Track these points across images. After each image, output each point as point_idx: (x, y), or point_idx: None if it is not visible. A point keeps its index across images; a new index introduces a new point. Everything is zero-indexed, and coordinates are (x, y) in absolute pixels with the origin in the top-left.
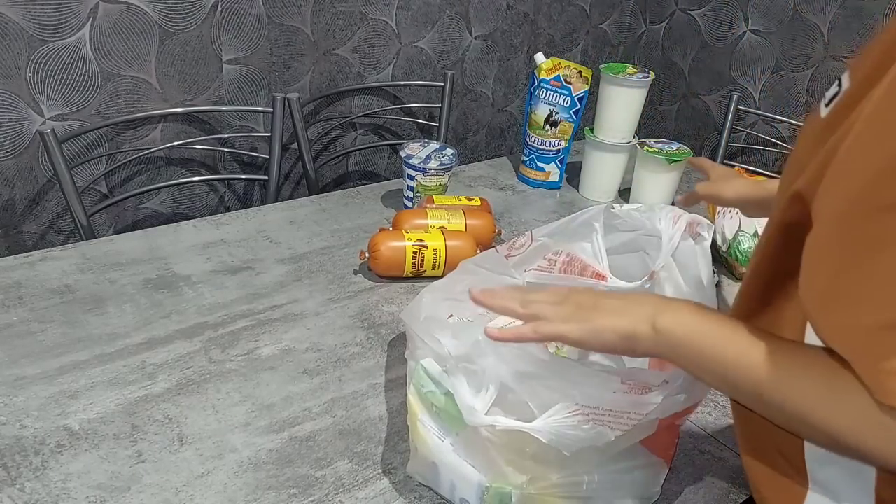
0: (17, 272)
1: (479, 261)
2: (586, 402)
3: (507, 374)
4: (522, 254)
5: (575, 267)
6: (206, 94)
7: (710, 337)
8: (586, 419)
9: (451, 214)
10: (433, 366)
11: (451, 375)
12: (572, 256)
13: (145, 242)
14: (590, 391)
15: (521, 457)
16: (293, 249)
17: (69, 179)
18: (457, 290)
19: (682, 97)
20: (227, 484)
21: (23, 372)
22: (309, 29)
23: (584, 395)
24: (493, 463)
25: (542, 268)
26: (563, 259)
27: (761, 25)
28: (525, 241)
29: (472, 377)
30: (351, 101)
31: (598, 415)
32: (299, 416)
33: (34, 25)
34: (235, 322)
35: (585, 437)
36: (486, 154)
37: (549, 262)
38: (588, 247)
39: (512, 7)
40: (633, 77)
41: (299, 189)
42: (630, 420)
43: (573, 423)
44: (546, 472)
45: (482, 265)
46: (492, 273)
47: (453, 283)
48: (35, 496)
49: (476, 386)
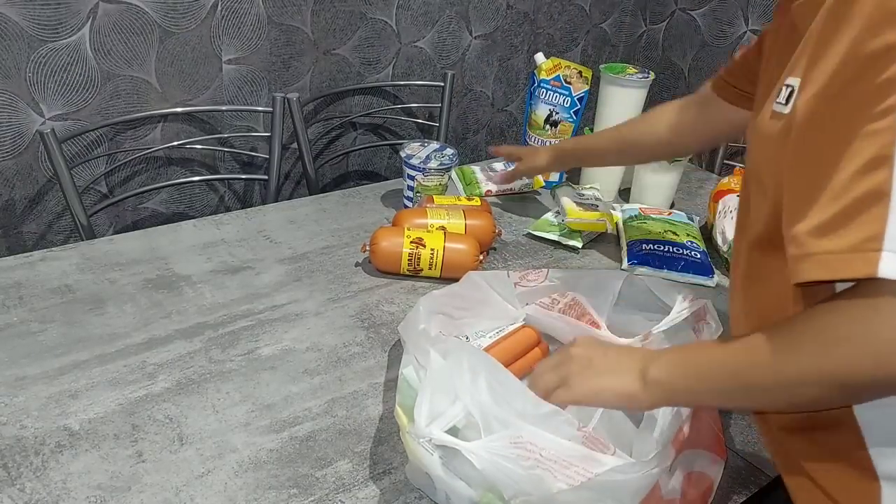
0: (17, 272)
1: (488, 278)
2: (532, 438)
3: (474, 394)
4: (531, 288)
5: (574, 311)
6: (206, 93)
7: (703, 362)
8: (527, 456)
9: (450, 214)
10: (414, 377)
11: (420, 389)
12: (576, 301)
13: (145, 242)
14: (540, 429)
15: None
16: (293, 249)
17: (69, 179)
18: (451, 306)
19: (681, 97)
20: (227, 484)
21: (23, 372)
22: (309, 29)
23: (531, 431)
24: (483, 479)
25: (544, 304)
26: (567, 301)
27: (761, 25)
28: (539, 277)
29: (442, 396)
30: (351, 100)
31: (541, 457)
32: (299, 416)
33: (34, 25)
34: (235, 322)
35: (522, 478)
36: (486, 154)
37: (552, 300)
38: (595, 302)
39: (512, 7)
40: (633, 77)
41: (299, 189)
42: (578, 475)
43: (511, 455)
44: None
45: (489, 284)
46: (494, 294)
47: (453, 295)
48: (35, 496)
49: (447, 402)
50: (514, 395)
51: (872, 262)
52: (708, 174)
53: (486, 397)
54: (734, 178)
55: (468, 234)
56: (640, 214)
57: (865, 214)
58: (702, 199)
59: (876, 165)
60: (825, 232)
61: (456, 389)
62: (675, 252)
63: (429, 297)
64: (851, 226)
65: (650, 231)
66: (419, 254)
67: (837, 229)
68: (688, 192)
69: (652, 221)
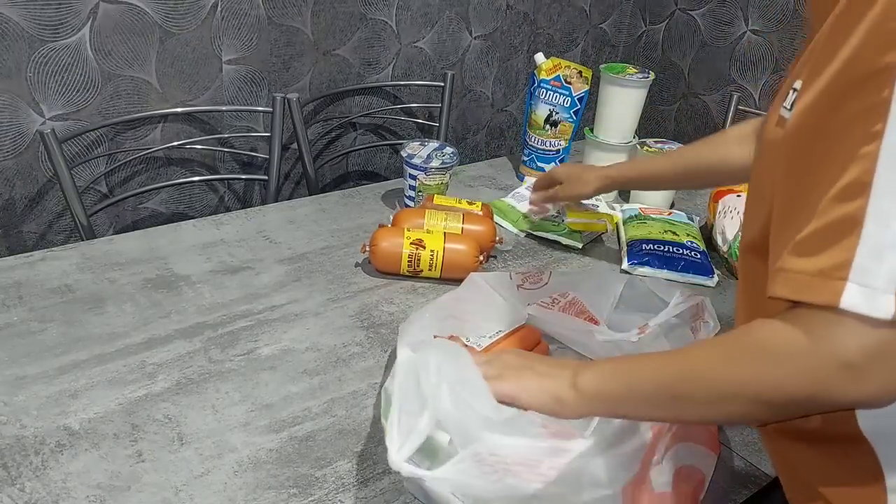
0: (17, 272)
1: (490, 280)
2: (494, 448)
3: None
4: (533, 290)
5: (573, 309)
6: (206, 94)
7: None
8: (493, 468)
9: (449, 217)
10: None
11: (392, 403)
12: (576, 300)
13: (145, 242)
14: (502, 435)
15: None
16: (293, 249)
17: (69, 179)
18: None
19: (681, 97)
20: (226, 483)
21: (23, 371)
22: (309, 29)
23: (493, 441)
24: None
25: (545, 304)
26: (567, 300)
27: (761, 25)
28: (543, 278)
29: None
30: (351, 101)
31: (507, 464)
32: (299, 416)
33: (34, 25)
34: (235, 322)
35: (496, 491)
36: (486, 154)
37: (553, 300)
38: (596, 303)
39: (512, 7)
40: (633, 77)
41: (299, 189)
42: (549, 471)
43: (477, 473)
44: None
45: (491, 285)
46: (497, 295)
47: (456, 300)
48: (35, 496)
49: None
50: (477, 399)
51: (836, 291)
52: None
53: (447, 404)
54: None
55: (470, 238)
56: (640, 214)
57: (839, 240)
58: (702, 199)
59: (855, 192)
60: (801, 250)
61: (423, 395)
62: (675, 252)
63: (433, 305)
64: (825, 249)
65: (650, 231)
66: (419, 255)
67: (812, 250)
68: (688, 192)
69: (652, 221)
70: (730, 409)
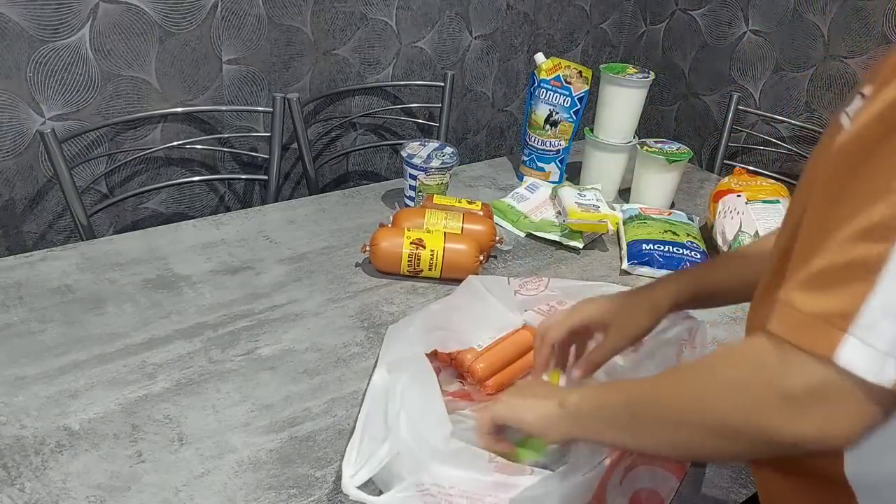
0: (17, 272)
1: (488, 284)
2: (438, 479)
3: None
4: (531, 297)
5: None
6: (206, 94)
7: (612, 390)
8: (434, 499)
9: (449, 217)
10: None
11: (352, 436)
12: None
13: (145, 242)
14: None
15: None
16: (293, 249)
17: (69, 179)
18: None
19: (682, 97)
20: (226, 484)
21: (23, 372)
22: (309, 29)
23: (438, 472)
24: None
25: (541, 311)
26: (564, 309)
27: (761, 25)
28: (540, 286)
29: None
30: (351, 101)
31: (448, 495)
32: (299, 416)
33: (34, 25)
34: (235, 322)
35: None
36: (486, 154)
37: (550, 308)
38: None
39: (512, 7)
40: (633, 77)
41: (299, 189)
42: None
43: (418, 502)
44: None
45: (488, 289)
46: (493, 299)
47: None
48: (35, 496)
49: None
50: (429, 430)
51: (834, 341)
52: (708, 174)
53: (405, 433)
54: (734, 178)
55: (470, 237)
56: (640, 214)
57: (850, 283)
58: (702, 199)
59: (880, 234)
60: (810, 285)
61: (388, 422)
62: (675, 252)
63: (422, 313)
64: (833, 290)
65: (650, 231)
66: (419, 255)
67: (820, 288)
68: (688, 192)
69: (652, 221)
70: (683, 436)
